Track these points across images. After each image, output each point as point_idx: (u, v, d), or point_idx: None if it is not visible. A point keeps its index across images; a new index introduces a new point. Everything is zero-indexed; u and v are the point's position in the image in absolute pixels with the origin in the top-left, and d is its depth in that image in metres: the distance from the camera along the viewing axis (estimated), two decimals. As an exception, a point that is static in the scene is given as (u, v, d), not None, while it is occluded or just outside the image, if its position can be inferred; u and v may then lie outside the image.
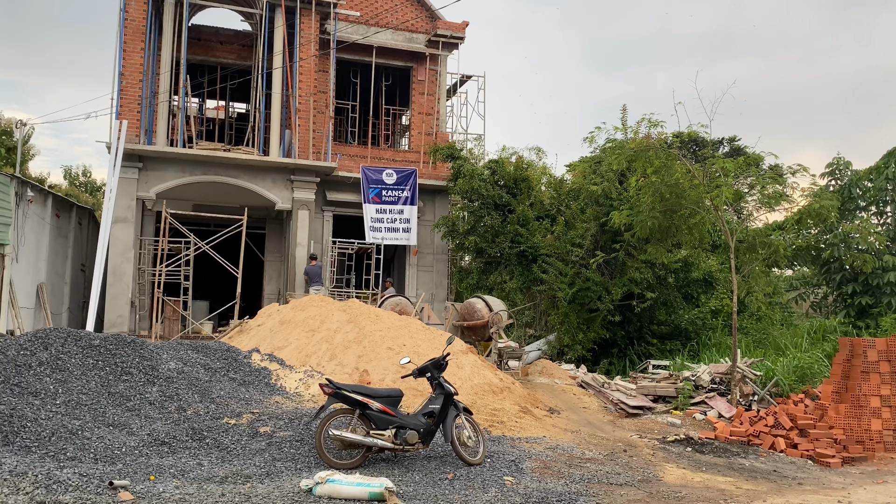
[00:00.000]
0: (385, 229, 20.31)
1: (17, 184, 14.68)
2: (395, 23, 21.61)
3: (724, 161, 13.07)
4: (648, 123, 13.51)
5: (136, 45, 18.01)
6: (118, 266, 17.50)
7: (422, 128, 22.02)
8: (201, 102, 24.74)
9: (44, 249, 17.28)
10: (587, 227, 17.25)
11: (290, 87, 19.24)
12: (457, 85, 23.42)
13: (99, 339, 9.56)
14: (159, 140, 18.21)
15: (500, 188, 19.45)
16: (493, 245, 18.73)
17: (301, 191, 19.05)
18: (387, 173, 20.43)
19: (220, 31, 21.77)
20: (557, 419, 10.88)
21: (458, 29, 21.93)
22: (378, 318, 12.41)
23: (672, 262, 16.49)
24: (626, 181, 15.99)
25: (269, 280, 21.69)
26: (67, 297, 19.61)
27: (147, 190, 17.95)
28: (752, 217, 15.21)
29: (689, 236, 14.39)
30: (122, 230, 17.55)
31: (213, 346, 10.90)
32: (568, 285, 16.66)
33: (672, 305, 17.96)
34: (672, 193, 12.87)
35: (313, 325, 12.29)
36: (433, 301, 20.67)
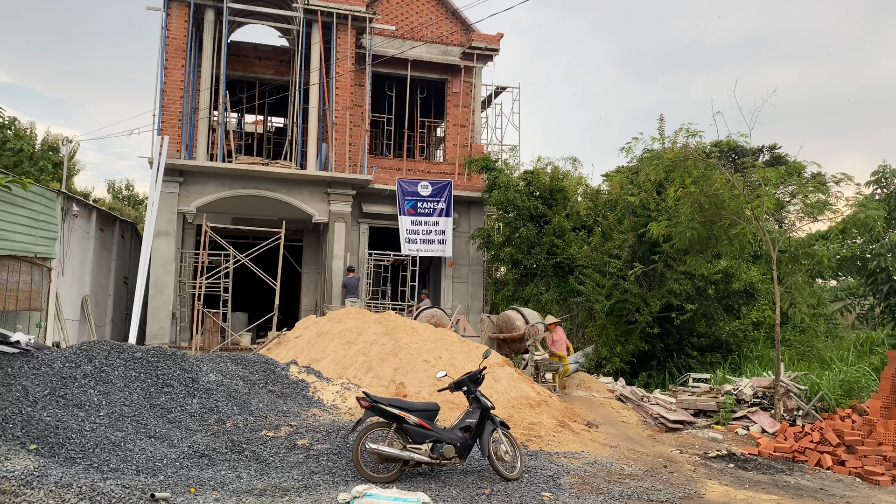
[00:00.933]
0: (420, 241, 20.37)
1: (63, 199, 15.07)
2: (430, 36, 21.75)
3: (764, 171, 12.82)
4: (686, 133, 13.33)
5: (176, 63, 18.42)
6: (160, 278, 17.85)
7: (457, 139, 22.07)
8: (240, 117, 25.17)
9: (88, 263, 17.70)
10: (625, 238, 17.06)
11: (327, 101, 19.47)
12: (491, 96, 23.45)
13: (141, 351, 9.73)
14: (199, 155, 18.56)
15: (535, 199, 19.37)
16: (528, 256, 18.64)
17: (337, 203, 19.22)
18: (422, 185, 20.51)
19: (258, 47, 22.15)
20: (596, 433, 10.74)
21: (493, 41, 21.98)
22: (414, 330, 12.41)
23: (712, 274, 16.21)
24: (664, 192, 15.79)
25: (307, 292, 21.89)
26: (111, 309, 20.04)
27: (188, 204, 18.30)
28: (794, 227, 14.86)
29: (730, 247, 14.12)
30: (164, 243, 17.90)
31: (252, 358, 11.01)
32: (605, 297, 16.49)
33: (712, 317, 17.64)
34: (711, 204, 12.67)
35: (350, 337, 12.35)
36: (469, 313, 20.64)
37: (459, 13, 21.94)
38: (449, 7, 21.96)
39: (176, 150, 18.17)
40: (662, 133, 15.94)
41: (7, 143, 23.33)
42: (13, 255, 12.26)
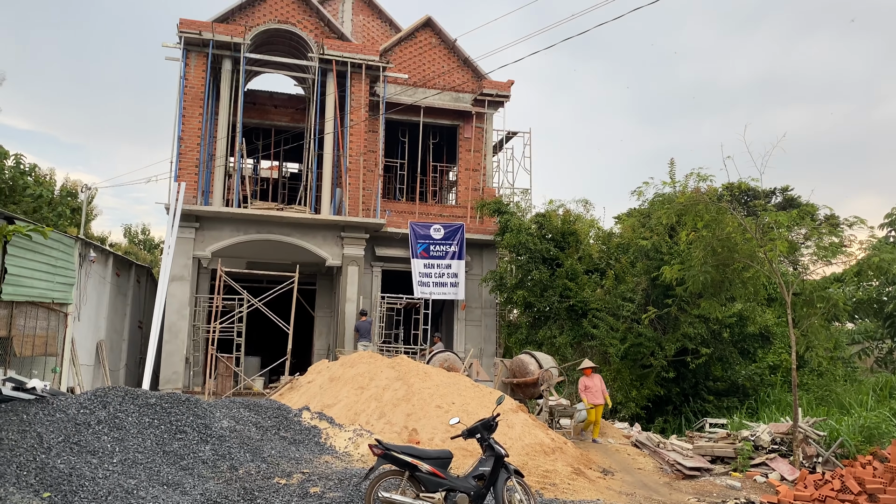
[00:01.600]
0: (433, 284, 20.41)
1: (80, 245, 15.29)
2: (442, 84, 22.14)
3: (776, 214, 12.83)
4: (697, 178, 13.42)
5: (194, 111, 18.83)
6: (174, 323, 17.95)
7: (468, 183, 22.28)
8: (256, 163, 25.57)
9: (104, 307, 17.85)
10: (638, 281, 17.04)
11: (341, 147, 19.78)
12: (503, 141, 23.72)
13: (155, 397, 9.76)
14: (215, 200, 18.83)
15: (547, 242, 19.43)
16: (541, 299, 18.62)
17: (351, 247, 19.36)
18: (434, 228, 20.64)
19: (274, 95, 22.62)
20: (612, 481, 10.58)
21: (504, 88, 22.33)
22: (427, 375, 12.38)
23: (726, 317, 16.10)
24: (676, 235, 15.82)
25: (319, 336, 21.91)
26: (125, 353, 20.13)
27: (203, 249, 18.49)
28: (808, 270, 14.79)
29: (744, 290, 14.06)
30: (179, 288, 18.05)
31: (265, 403, 11.01)
32: (620, 341, 16.40)
33: (728, 361, 17.47)
34: (724, 247, 12.67)
35: (362, 382, 12.33)
36: (482, 356, 20.55)
37: (471, 61, 22.35)
38: (460, 56, 22.40)
39: (192, 195, 18.45)
40: (673, 177, 16.07)
41: (27, 190, 23.77)
42: (31, 301, 12.41)
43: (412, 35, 22.18)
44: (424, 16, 22.33)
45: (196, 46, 18.84)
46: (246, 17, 19.61)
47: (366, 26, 24.57)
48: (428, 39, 22.27)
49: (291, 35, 19.89)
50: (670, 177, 16.03)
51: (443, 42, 22.36)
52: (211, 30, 18.65)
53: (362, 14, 24.60)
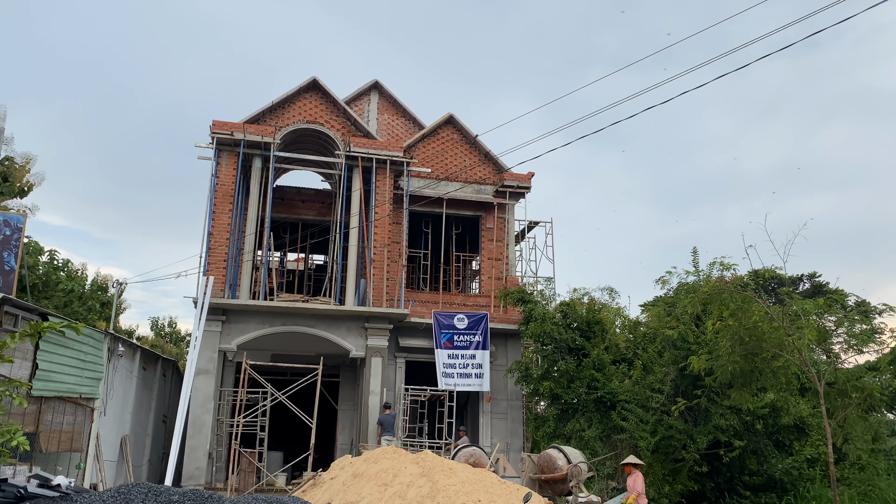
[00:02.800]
0: (457, 375, 20.23)
1: (109, 339, 15.52)
2: (464, 177, 22.68)
3: (803, 302, 12.72)
4: (720, 266, 13.41)
5: (224, 207, 19.41)
6: (198, 417, 17.89)
7: (491, 272, 22.43)
8: (283, 256, 26.05)
9: (130, 402, 17.90)
10: (666, 371, 16.74)
11: (366, 239, 20.15)
12: (525, 231, 24.00)
13: (178, 494, 9.63)
14: (242, 294, 19.12)
15: (572, 331, 19.27)
16: (568, 391, 18.31)
17: (374, 338, 19.40)
18: (458, 318, 20.64)
19: (301, 190, 23.30)
20: (646, 584, 10.10)
21: (524, 179, 22.80)
22: (452, 471, 12.10)
23: (758, 408, 15.67)
24: (702, 324, 15.65)
25: (343, 430, 21.65)
26: (149, 448, 20.01)
27: (229, 342, 18.64)
28: (840, 359, 14.48)
29: (774, 380, 13.77)
30: (204, 382, 18.09)
31: (287, 501, 10.80)
32: (650, 433, 15.96)
33: (763, 454, 16.85)
34: (751, 336, 12.52)
35: (386, 478, 12.07)
36: (508, 451, 20.09)
37: (492, 155, 22.95)
38: (482, 150, 23.03)
39: (220, 289, 18.76)
40: (697, 266, 16.04)
41: (60, 284, 24.37)
42: (59, 396, 12.53)
43: (435, 131, 22.92)
44: (446, 114, 23.14)
45: (227, 146, 19.63)
46: (276, 117, 20.48)
47: (390, 124, 25.47)
48: (450, 135, 22.98)
49: (319, 134, 20.68)
50: (693, 265, 16.02)
51: (464, 138, 23.05)
52: (242, 130, 19.46)
53: (387, 113, 25.56)
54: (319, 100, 20.98)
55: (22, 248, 13.46)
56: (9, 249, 13.10)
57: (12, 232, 13.05)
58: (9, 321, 10.56)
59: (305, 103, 20.85)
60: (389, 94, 25.64)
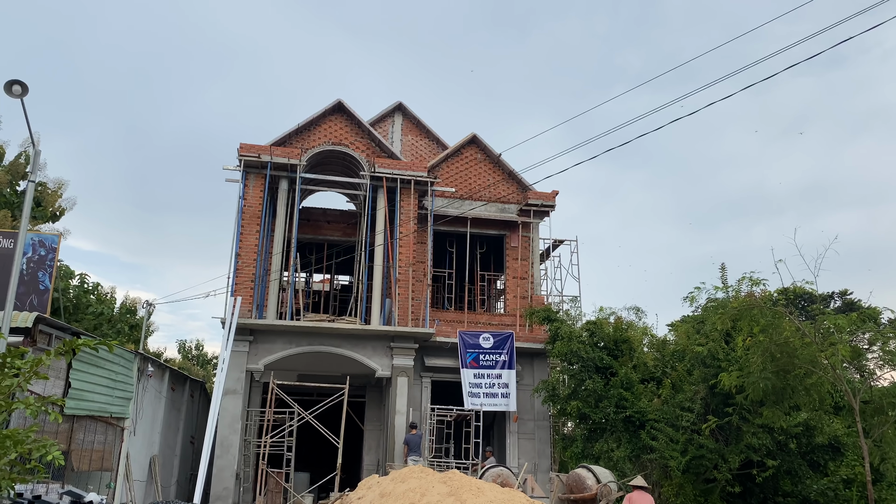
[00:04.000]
0: (483, 395, 20.10)
1: (139, 360, 15.71)
2: (488, 196, 22.73)
3: (836, 318, 12.49)
4: (750, 282, 13.23)
5: (251, 228, 19.65)
6: (226, 437, 17.97)
7: (517, 291, 22.36)
8: (308, 276, 26.23)
9: (159, 422, 18.05)
10: (696, 389, 16.48)
11: (391, 259, 20.24)
12: (549, 249, 23.93)
13: (207, 513, 9.68)
14: (269, 314, 19.26)
15: (600, 350, 19.09)
16: (596, 410, 18.10)
17: (400, 357, 19.40)
18: (483, 337, 20.57)
19: (327, 211, 23.52)
20: None
21: (549, 198, 22.77)
22: (480, 490, 11.99)
23: (791, 426, 15.35)
24: (732, 341, 15.42)
25: (369, 450, 21.59)
26: (177, 469, 20.12)
27: (256, 362, 18.75)
28: (874, 375, 14.16)
29: (808, 398, 13.48)
30: (232, 402, 18.19)
31: (316, 520, 10.79)
32: (680, 453, 15.69)
33: (797, 474, 16.47)
34: (783, 353, 12.29)
35: (413, 498, 11.99)
36: (536, 471, 19.87)
37: (515, 174, 22.98)
38: (505, 168, 23.08)
39: (248, 309, 18.93)
40: (725, 282, 15.83)
41: (90, 308, 24.76)
42: (91, 415, 12.68)
43: (458, 151, 23.04)
44: (470, 133, 23.26)
45: (255, 168, 19.91)
46: (302, 139, 20.75)
47: (414, 145, 25.66)
48: (473, 155, 23.08)
49: (344, 155, 20.90)
50: (722, 282, 15.81)
51: (488, 157, 23.14)
52: (269, 153, 19.75)
53: (411, 134, 25.77)
54: (344, 122, 21.23)
55: (56, 268, 13.74)
56: (43, 269, 13.38)
57: (47, 252, 13.34)
58: (43, 340, 10.75)
59: (330, 125, 21.11)
60: (413, 115, 25.87)
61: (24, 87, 8.95)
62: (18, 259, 8.64)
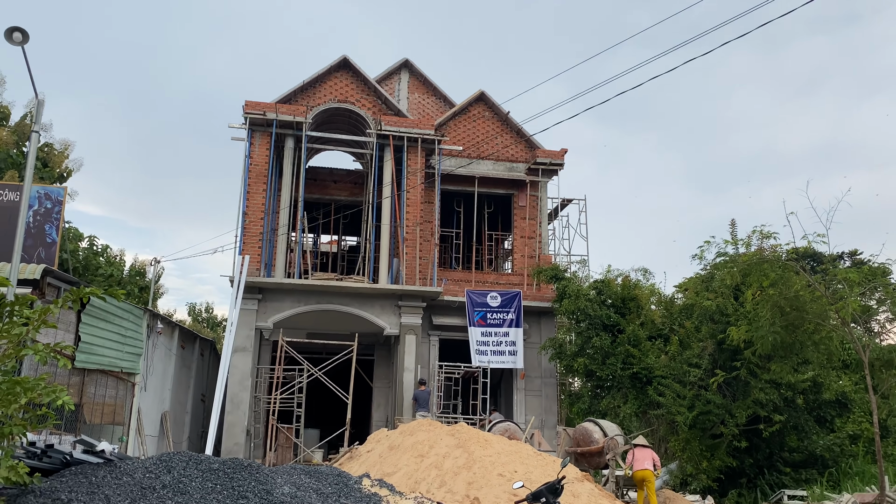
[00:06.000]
0: (491, 352, 20.20)
1: (148, 316, 15.80)
2: (496, 154, 22.52)
3: (846, 271, 12.40)
4: (760, 235, 13.11)
5: (258, 187, 19.58)
6: (236, 394, 18.15)
7: (524, 251, 22.29)
8: (316, 237, 26.22)
9: (169, 379, 18.23)
10: (703, 345, 16.49)
11: (398, 218, 20.17)
12: (558, 209, 23.78)
13: (218, 462, 9.78)
14: (277, 273, 19.29)
15: (607, 308, 19.09)
16: (603, 367, 18.17)
17: (408, 316, 19.45)
18: (491, 296, 20.58)
19: (333, 171, 23.38)
20: (685, 554, 10.01)
21: (557, 156, 22.56)
22: (487, 442, 12.11)
23: (799, 382, 15.37)
24: (741, 296, 15.36)
25: (378, 407, 21.79)
26: (188, 426, 20.37)
27: (265, 320, 18.84)
28: (885, 329, 14.10)
29: (816, 353, 13.47)
30: (241, 359, 18.33)
31: (325, 470, 10.91)
32: (687, 409, 15.76)
33: (804, 430, 16.55)
34: (792, 307, 12.24)
35: (422, 450, 12.12)
36: (543, 427, 20.03)
37: (524, 132, 22.73)
38: (513, 126, 22.83)
39: (256, 268, 18.96)
40: (735, 237, 15.70)
41: (99, 270, 24.86)
42: (101, 370, 12.79)
43: (466, 109, 22.78)
44: (477, 90, 22.97)
45: (260, 126, 19.76)
46: (307, 97, 20.54)
47: (421, 103, 25.38)
48: (481, 112, 22.82)
49: (351, 113, 20.70)
50: (732, 237, 15.68)
51: (496, 114, 22.88)
52: (275, 110, 19.57)
53: (417, 92, 25.46)
54: (350, 79, 20.98)
55: (63, 220, 13.73)
56: (50, 222, 13.39)
57: (53, 205, 13.34)
58: (51, 293, 10.80)
59: (336, 82, 20.87)
60: (420, 72, 25.53)
61: (25, 34, 8.83)
62: (24, 209, 8.63)
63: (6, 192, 13.11)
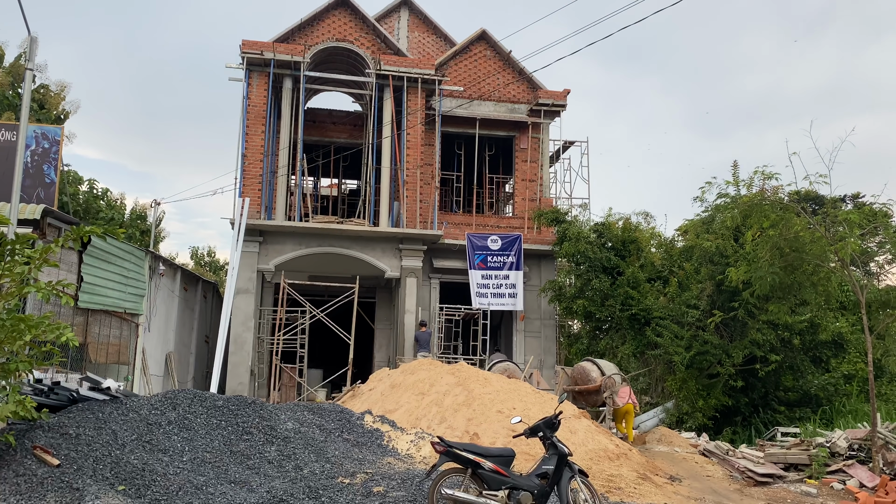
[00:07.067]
0: (491, 295, 20.36)
1: (150, 258, 15.87)
2: (497, 95, 22.22)
3: (847, 213, 12.36)
4: (762, 176, 13.03)
5: (257, 129, 19.40)
6: (239, 335, 18.37)
7: (525, 194, 22.22)
8: (316, 181, 26.11)
9: (173, 320, 18.43)
10: (702, 287, 16.59)
11: (399, 160, 20.04)
12: (560, 151, 23.60)
13: (222, 400, 9.98)
14: (278, 215, 19.29)
15: (607, 250, 19.14)
16: (602, 309, 18.32)
17: (409, 259, 19.53)
18: (492, 239, 20.62)
19: (332, 112, 23.12)
20: (679, 487, 10.29)
21: (560, 97, 22.26)
22: (487, 381, 12.32)
23: (796, 323, 15.51)
24: (741, 238, 15.37)
25: (380, 348, 22.08)
26: (192, 367, 20.70)
27: (267, 262, 18.94)
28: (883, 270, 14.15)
29: (814, 294, 13.55)
30: (244, 301, 18.49)
31: (328, 407, 11.14)
32: (685, 349, 15.96)
33: (799, 370, 16.80)
34: (792, 248, 12.25)
35: (423, 388, 12.35)
36: (542, 367, 20.34)
37: (526, 72, 22.39)
38: (515, 67, 22.46)
39: (256, 211, 18.95)
40: (737, 178, 15.61)
41: (100, 213, 24.86)
42: (105, 310, 12.92)
43: (467, 48, 22.38)
44: (479, 29, 22.52)
45: (258, 66, 19.46)
46: (305, 36, 20.15)
47: (421, 42, 24.92)
48: (482, 52, 22.43)
49: (349, 52, 20.34)
50: (734, 178, 15.59)
51: (497, 54, 22.48)
52: (272, 50, 19.24)
53: (417, 31, 24.98)
54: (348, 16, 20.54)
55: (61, 161, 13.66)
56: (48, 162, 13.32)
57: (51, 145, 13.24)
58: (52, 233, 10.83)
59: (334, 21, 20.44)
60: (420, 10, 24.99)
61: (14, -31, 8.61)
62: (21, 148, 8.57)
63: (2, 131, 13.02)
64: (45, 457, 7.04)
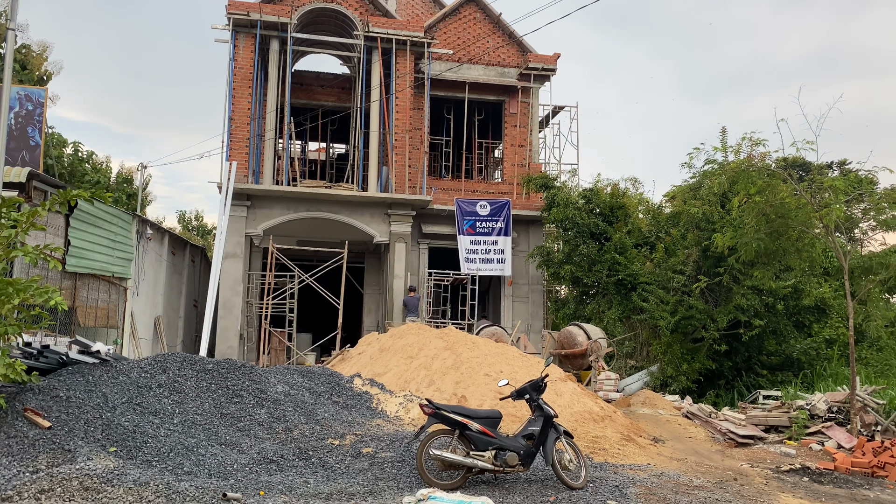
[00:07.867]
0: (480, 260, 20.45)
1: (137, 222, 15.79)
2: (487, 59, 22.02)
3: (832, 179, 12.45)
4: (750, 142, 13.07)
5: (244, 91, 19.17)
6: (228, 299, 18.40)
7: (514, 159, 22.18)
8: (304, 145, 25.91)
9: (161, 284, 18.41)
10: (688, 252, 16.74)
11: (387, 125, 19.91)
12: (549, 116, 23.50)
13: (212, 363, 10.05)
14: (266, 180, 19.19)
15: (595, 216, 19.23)
16: (589, 274, 18.46)
17: (398, 224, 19.53)
18: (480, 205, 20.64)
19: (320, 75, 22.85)
20: (662, 448, 10.52)
21: (550, 61, 22.09)
22: (475, 345, 12.46)
23: (780, 288, 15.72)
24: (728, 204, 15.47)
25: (368, 313, 22.19)
26: (181, 330, 20.75)
27: (255, 227, 18.88)
28: (867, 236, 14.30)
29: (798, 260, 13.70)
30: (232, 265, 18.48)
31: (317, 370, 11.24)
32: (670, 314, 16.15)
33: (782, 334, 17.06)
34: (777, 214, 12.35)
35: (411, 352, 12.47)
36: (529, 331, 20.54)
37: (516, 35, 22.16)
38: (505, 30, 22.23)
39: (244, 174, 18.84)
40: (725, 144, 15.64)
41: (85, 176, 24.61)
42: (93, 274, 12.89)
43: (456, 10, 22.10)
44: (469, -10, 22.20)
45: (244, 28, 19.16)
46: (292, -3, 19.81)
47: (410, 4, 24.58)
48: (472, 14, 22.15)
49: (337, 14, 20.04)
50: (722, 144, 15.62)
51: (487, 16, 22.22)
52: (259, 10, 18.93)
53: (406, -8, 24.61)
54: (336, -23, 20.18)
55: (45, 123, 13.48)
56: (32, 125, 13.14)
57: (34, 107, 13.05)
58: (38, 196, 10.74)
59: (322, -19, 20.08)
60: (409, -29, 24.59)
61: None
62: (5, 109, 8.45)
63: (-16, 93, 12.71)
64: (37, 419, 7.10)
